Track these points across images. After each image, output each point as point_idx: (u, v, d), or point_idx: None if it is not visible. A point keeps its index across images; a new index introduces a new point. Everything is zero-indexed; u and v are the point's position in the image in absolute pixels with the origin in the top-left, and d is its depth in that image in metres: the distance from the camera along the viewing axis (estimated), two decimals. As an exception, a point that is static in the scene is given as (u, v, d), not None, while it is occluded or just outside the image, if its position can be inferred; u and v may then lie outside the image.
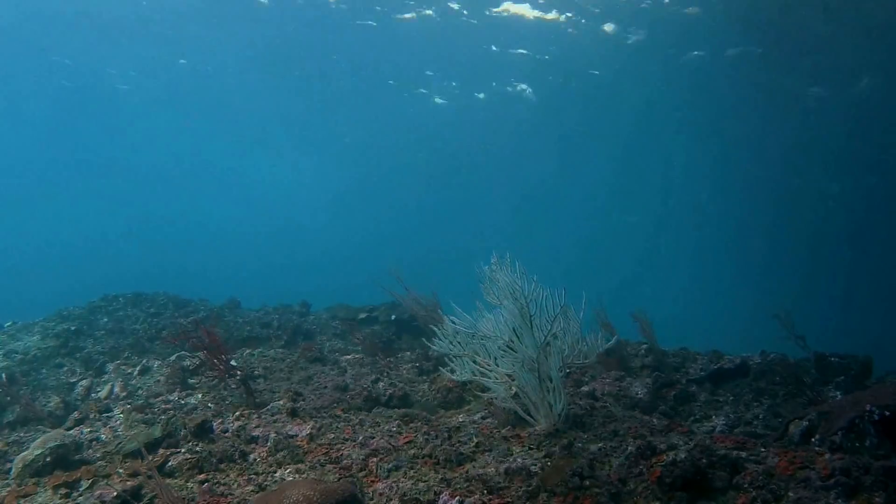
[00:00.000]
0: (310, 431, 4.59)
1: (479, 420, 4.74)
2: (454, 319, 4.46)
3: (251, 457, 4.35)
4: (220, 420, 5.18)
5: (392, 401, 5.70)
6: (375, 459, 3.91)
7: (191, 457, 4.32)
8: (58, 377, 7.36)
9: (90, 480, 4.25)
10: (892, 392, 3.72)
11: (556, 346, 4.23)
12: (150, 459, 4.07)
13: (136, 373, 7.27)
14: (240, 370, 6.06)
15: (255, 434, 4.72)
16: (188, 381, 6.74)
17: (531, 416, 4.30)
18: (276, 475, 3.97)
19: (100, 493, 3.95)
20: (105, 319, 9.03)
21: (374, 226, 51.33)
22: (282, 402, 5.46)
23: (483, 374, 4.46)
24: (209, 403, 5.98)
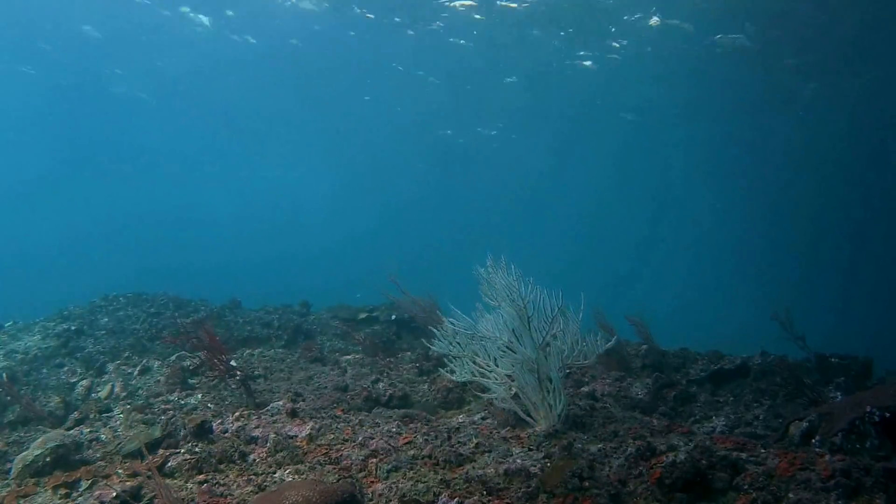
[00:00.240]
0: (309, 432, 4.59)
1: (479, 421, 4.73)
2: (453, 321, 4.46)
3: (251, 457, 4.35)
4: (220, 420, 5.17)
5: (392, 401, 5.70)
6: (375, 460, 3.91)
7: (190, 457, 4.32)
8: (58, 377, 7.36)
9: (90, 481, 4.25)
10: (893, 393, 3.72)
11: (556, 347, 4.23)
12: (150, 460, 4.07)
13: (137, 373, 7.27)
14: (239, 370, 6.06)
15: (255, 434, 4.72)
16: (188, 382, 6.73)
17: (531, 417, 4.30)
18: (276, 476, 3.97)
19: (99, 494, 3.96)
20: (105, 319, 9.04)
21: (375, 224, 51.41)
22: (281, 403, 5.46)
23: (483, 375, 4.46)
24: (209, 404, 5.98)
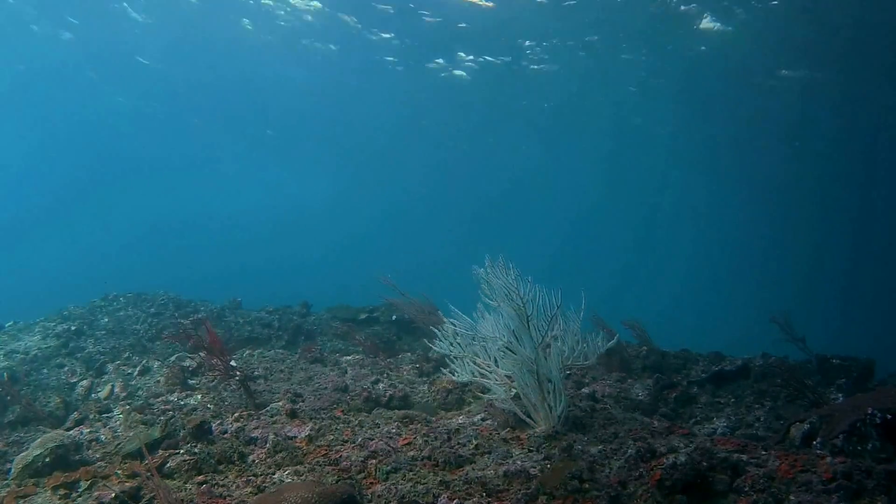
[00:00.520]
0: (309, 433, 4.58)
1: (479, 422, 4.72)
2: (454, 322, 4.45)
3: (250, 458, 4.34)
4: (219, 421, 5.16)
5: (392, 402, 5.68)
6: (374, 461, 3.89)
7: (189, 458, 4.31)
8: (58, 377, 7.35)
9: (89, 481, 4.23)
10: (895, 395, 3.70)
11: (556, 348, 4.22)
12: (150, 460, 4.06)
13: (137, 373, 7.26)
14: (239, 371, 6.05)
15: (254, 435, 4.71)
16: (188, 382, 6.73)
17: (531, 418, 4.29)
18: (275, 477, 3.95)
19: (98, 494, 3.95)
20: (105, 319, 9.04)
21: (375, 225, 51.41)
22: (281, 404, 5.45)
23: (483, 376, 4.45)
24: (209, 404, 5.97)
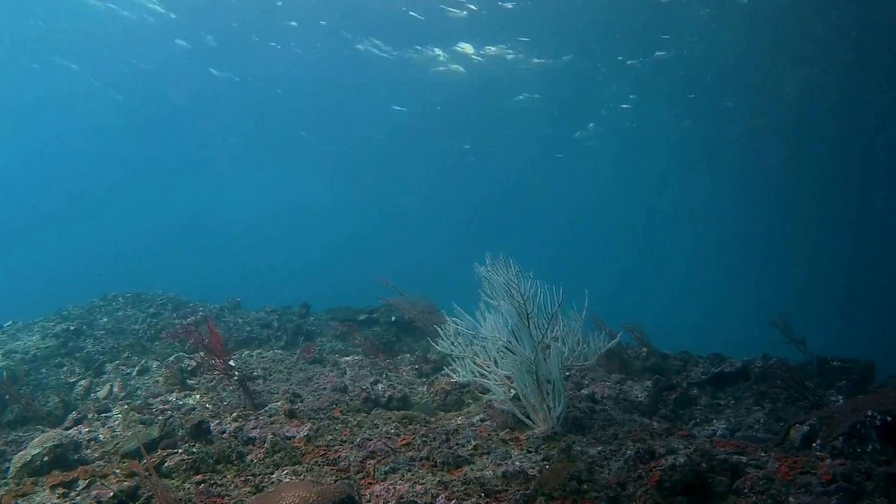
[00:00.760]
0: (307, 433, 4.57)
1: (478, 423, 4.71)
2: (456, 321, 4.44)
3: (248, 458, 4.33)
4: (218, 421, 5.15)
5: (391, 403, 5.68)
6: (373, 461, 3.89)
7: (188, 457, 4.29)
8: (57, 377, 7.34)
9: (87, 480, 4.23)
10: (895, 397, 3.69)
11: (556, 348, 4.21)
12: (148, 460, 4.05)
13: (135, 373, 7.26)
14: (238, 371, 6.04)
15: (253, 435, 4.70)
16: (187, 382, 6.72)
17: (530, 419, 4.28)
18: (273, 476, 3.95)
19: (96, 493, 3.94)
20: (104, 319, 9.03)
21: (374, 225, 51.39)
22: (280, 404, 5.44)
23: (483, 376, 4.44)
24: (207, 404, 5.96)
